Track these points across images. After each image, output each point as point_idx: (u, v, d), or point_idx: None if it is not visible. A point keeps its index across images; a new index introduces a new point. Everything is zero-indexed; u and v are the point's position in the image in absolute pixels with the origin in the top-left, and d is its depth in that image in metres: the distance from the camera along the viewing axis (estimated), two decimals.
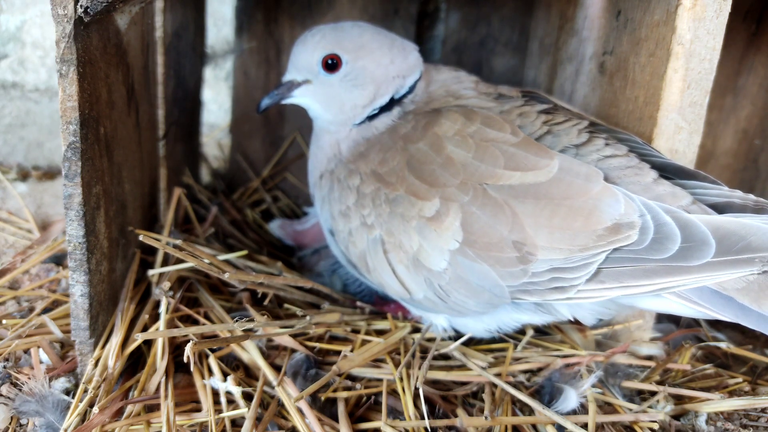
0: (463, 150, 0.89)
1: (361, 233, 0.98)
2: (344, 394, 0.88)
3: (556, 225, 0.80)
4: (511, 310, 0.91)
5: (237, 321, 0.91)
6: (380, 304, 1.14)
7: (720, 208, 0.80)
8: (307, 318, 0.98)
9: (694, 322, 1.16)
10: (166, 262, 1.05)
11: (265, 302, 1.01)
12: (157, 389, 0.86)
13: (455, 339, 0.99)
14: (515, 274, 0.82)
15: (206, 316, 0.98)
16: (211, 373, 0.88)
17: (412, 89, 1.05)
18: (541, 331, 1.09)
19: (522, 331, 1.05)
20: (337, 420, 0.84)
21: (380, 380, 0.92)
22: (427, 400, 0.89)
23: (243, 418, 0.82)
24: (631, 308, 0.88)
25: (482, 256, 0.84)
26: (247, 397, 0.86)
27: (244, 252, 1.08)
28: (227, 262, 1.01)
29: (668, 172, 0.87)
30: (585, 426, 0.84)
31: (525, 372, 0.97)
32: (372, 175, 0.97)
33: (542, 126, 0.92)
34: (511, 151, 0.86)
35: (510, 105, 0.98)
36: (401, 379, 0.90)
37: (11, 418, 0.86)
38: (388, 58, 1.03)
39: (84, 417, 0.83)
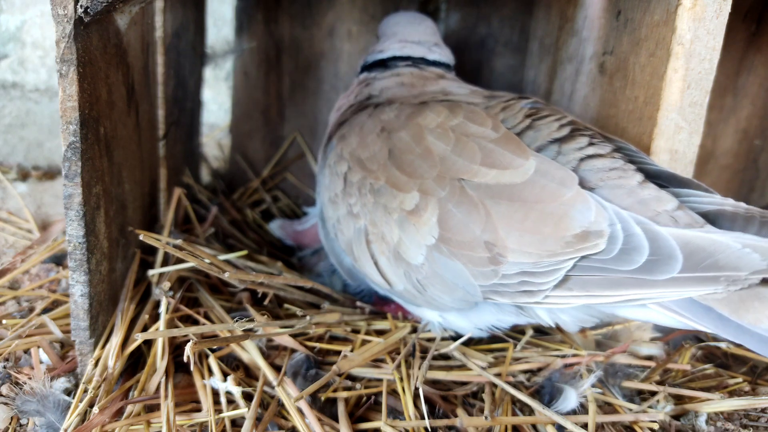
0: (442, 142, 0.89)
1: (348, 222, 1.00)
2: (344, 394, 0.88)
3: (527, 228, 0.79)
4: (495, 310, 0.91)
5: (237, 321, 0.91)
6: (380, 304, 1.14)
7: (712, 216, 0.79)
8: (307, 318, 0.98)
9: None
10: (166, 262, 1.05)
11: (265, 302, 1.01)
12: (157, 389, 0.86)
13: (455, 339, 0.99)
14: (486, 274, 0.82)
15: (206, 316, 0.98)
16: (211, 373, 0.88)
17: (375, 65, 1.23)
18: (541, 331, 1.09)
19: (522, 331, 1.05)
20: (337, 420, 0.84)
21: (380, 380, 0.91)
22: (427, 400, 0.89)
23: (243, 418, 0.82)
24: (612, 316, 0.86)
25: (456, 254, 0.84)
26: (247, 397, 0.86)
27: (244, 252, 1.08)
28: (227, 262, 1.01)
29: (662, 179, 0.85)
30: (585, 426, 0.84)
31: (525, 372, 0.97)
32: (356, 162, 0.99)
33: (524, 119, 0.91)
34: (489, 147, 0.85)
35: (497, 101, 0.98)
36: (401, 379, 0.90)
37: (11, 417, 0.86)
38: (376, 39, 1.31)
39: (84, 417, 0.83)
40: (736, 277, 0.68)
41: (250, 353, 0.91)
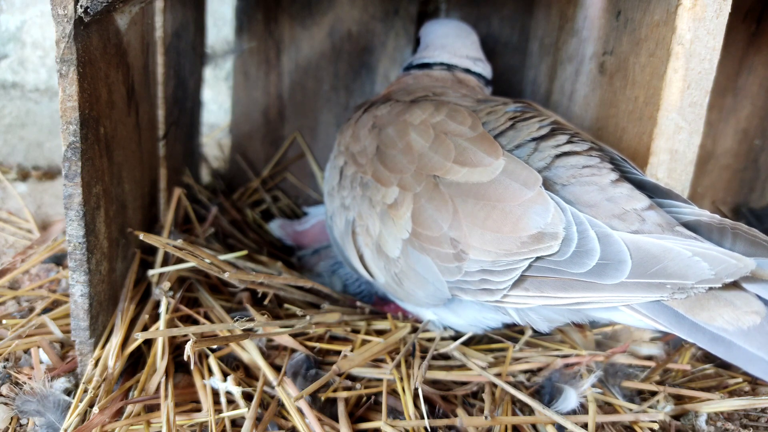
0: (422, 139, 0.91)
1: (341, 214, 1.03)
2: (344, 394, 0.88)
3: (489, 227, 0.79)
4: (479, 307, 0.91)
5: (237, 321, 0.91)
6: (380, 304, 1.14)
7: (692, 226, 0.78)
8: (307, 318, 0.98)
9: None
10: (166, 262, 1.05)
11: (265, 302, 1.01)
12: (157, 389, 0.86)
13: (455, 338, 0.99)
14: (452, 271, 0.83)
15: (206, 316, 0.98)
16: (211, 373, 0.88)
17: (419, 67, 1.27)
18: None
19: (522, 331, 1.05)
20: (337, 420, 0.84)
21: (380, 380, 0.92)
22: (427, 400, 0.89)
23: (243, 418, 0.82)
24: (578, 314, 0.85)
25: (426, 249, 0.85)
26: (247, 397, 0.86)
27: (244, 252, 1.08)
28: (227, 262, 1.01)
29: (647, 189, 0.84)
30: (585, 426, 0.84)
31: (525, 372, 0.97)
32: (350, 156, 1.02)
33: (507, 121, 0.91)
34: (463, 145, 0.86)
35: (485, 105, 0.98)
36: (401, 379, 0.90)
37: (11, 417, 0.86)
38: None
39: (84, 417, 0.83)
40: (683, 285, 0.67)
41: (250, 353, 0.92)
